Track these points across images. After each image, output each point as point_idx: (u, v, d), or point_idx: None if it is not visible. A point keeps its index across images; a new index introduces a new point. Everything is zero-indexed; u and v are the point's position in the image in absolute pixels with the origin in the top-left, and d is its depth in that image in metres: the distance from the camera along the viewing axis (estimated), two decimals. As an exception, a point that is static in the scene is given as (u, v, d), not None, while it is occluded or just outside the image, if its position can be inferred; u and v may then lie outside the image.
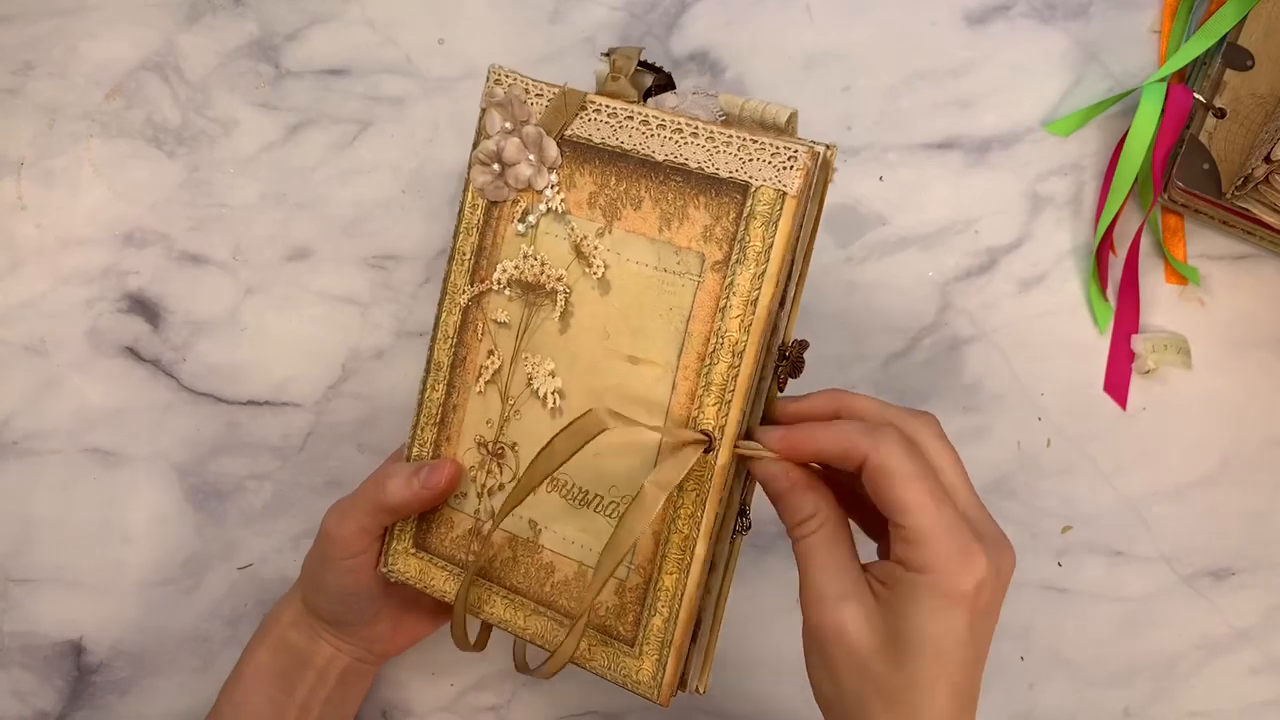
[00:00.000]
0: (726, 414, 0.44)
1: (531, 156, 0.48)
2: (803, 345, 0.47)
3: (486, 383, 0.49)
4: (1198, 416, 0.63)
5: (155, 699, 0.63)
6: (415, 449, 0.51)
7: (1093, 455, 0.63)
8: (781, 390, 0.48)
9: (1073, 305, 0.64)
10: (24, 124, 0.65)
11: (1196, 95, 0.62)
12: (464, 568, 0.50)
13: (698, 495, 0.45)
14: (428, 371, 0.51)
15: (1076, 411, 0.64)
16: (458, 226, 0.49)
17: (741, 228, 0.44)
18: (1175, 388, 0.64)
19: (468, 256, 0.49)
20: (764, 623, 0.62)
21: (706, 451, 0.45)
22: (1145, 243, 0.64)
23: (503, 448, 0.49)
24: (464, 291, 0.49)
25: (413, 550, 0.51)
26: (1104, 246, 0.63)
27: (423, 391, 0.51)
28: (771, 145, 0.43)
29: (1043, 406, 0.63)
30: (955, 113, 0.65)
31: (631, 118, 0.46)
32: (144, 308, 0.64)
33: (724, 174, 0.44)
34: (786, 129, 0.45)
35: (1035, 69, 0.65)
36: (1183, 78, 0.64)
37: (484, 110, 0.48)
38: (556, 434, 0.44)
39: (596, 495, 0.47)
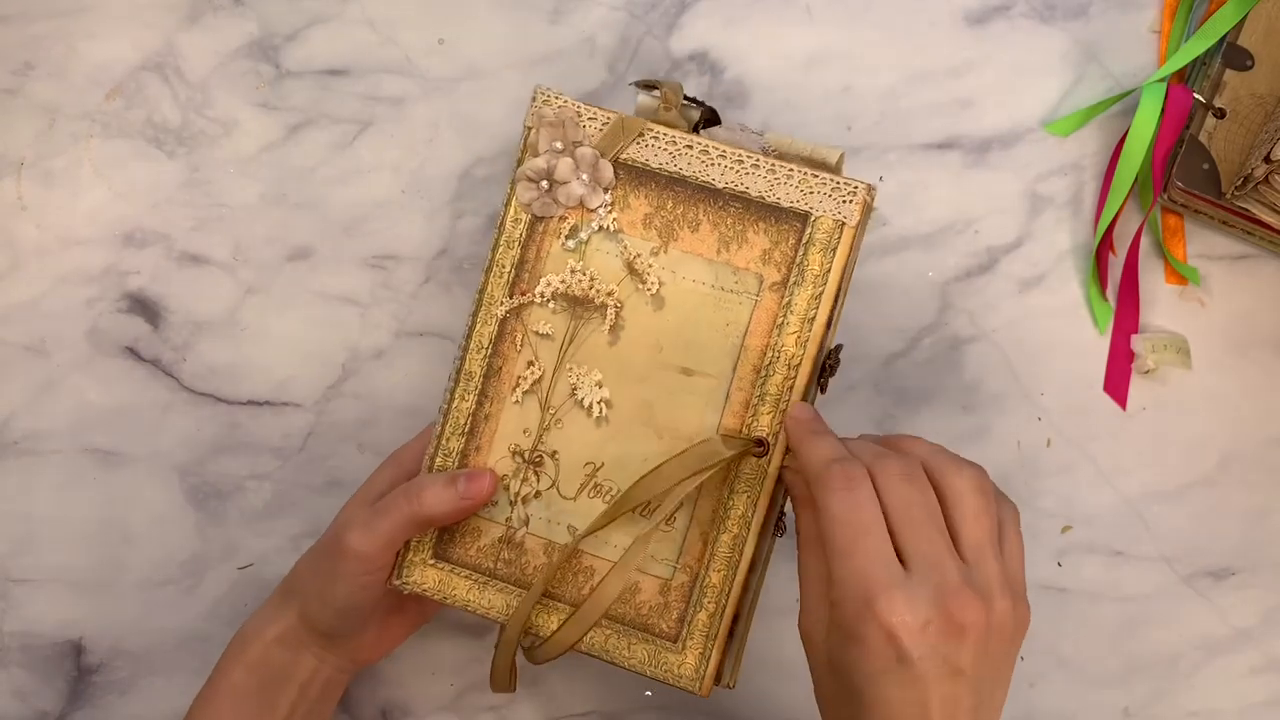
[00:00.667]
0: (780, 422, 0.49)
1: (585, 176, 0.51)
2: (838, 349, 0.52)
3: (525, 393, 0.51)
4: (1198, 416, 0.63)
5: (155, 699, 0.63)
6: (440, 459, 0.52)
7: (1093, 455, 0.63)
8: (823, 393, 0.52)
9: (1073, 305, 0.64)
10: (24, 124, 0.65)
11: (1196, 95, 0.62)
12: (493, 576, 0.51)
13: (749, 497, 0.49)
14: (456, 381, 0.52)
15: (1076, 411, 0.64)
16: (497, 239, 0.52)
17: (800, 253, 0.49)
18: (1175, 388, 0.64)
19: (507, 269, 0.51)
20: (764, 622, 0.62)
21: (760, 457, 0.49)
22: (1145, 243, 0.64)
23: (541, 456, 0.51)
24: (502, 304, 0.51)
25: (431, 561, 0.52)
26: (1104, 246, 0.63)
27: (450, 401, 0.52)
28: (832, 180, 0.49)
29: (1043, 406, 0.63)
30: (955, 113, 0.65)
31: (691, 147, 0.50)
32: (144, 308, 0.64)
33: (785, 204, 0.49)
34: (836, 168, 0.50)
35: (1035, 69, 0.65)
36: (1182, 78, 0.64)
37: (530, 129, 0.51)
38: (667, 460, 0.48)
39: (644, 501, 0.50)
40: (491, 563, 0.52)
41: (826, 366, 0.51)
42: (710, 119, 0.52)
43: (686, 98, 0.52)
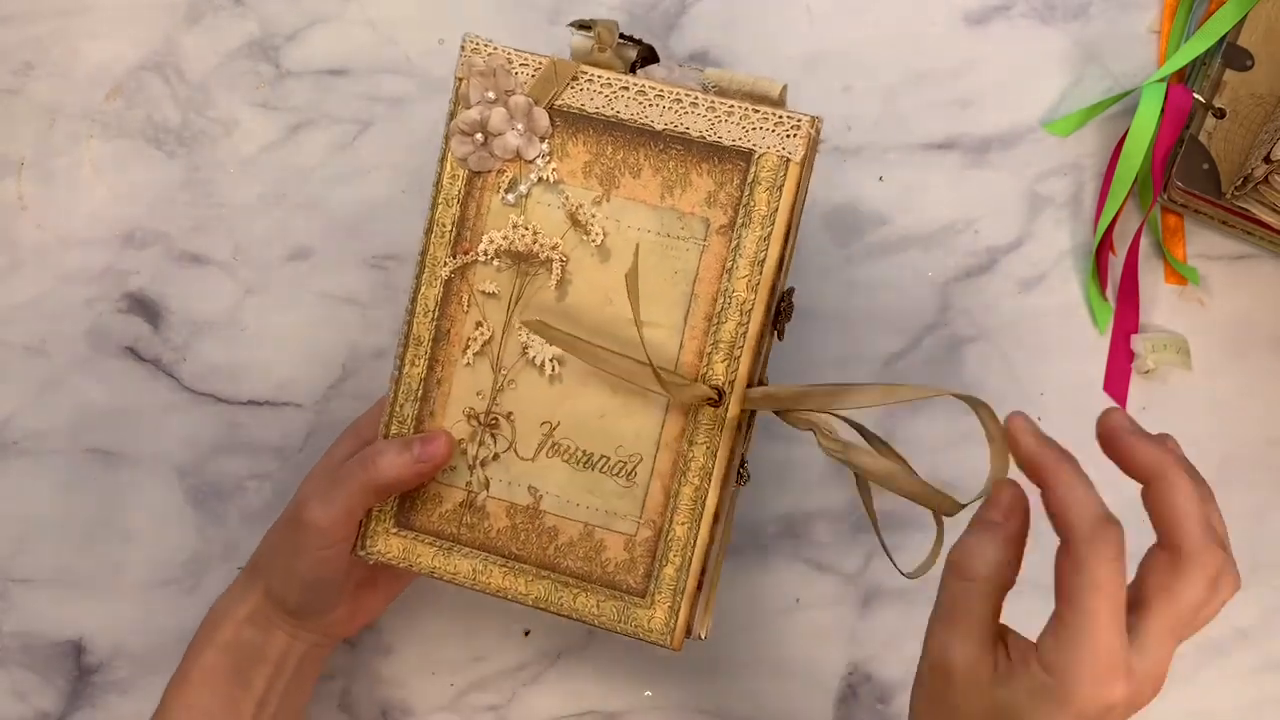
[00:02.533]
0: (736, 369, 0.48)
1: (519, 126, 0.48)
2: (791, 292, 0.51)
3: (475, 355, 0.50)
4: (1198, 416, 0.63)
5: (155, 699, 0.62)
6: (394, 427, 0.51)
7: (1093, 455, 0.63)
8: (780, 339, 0.51)
9: (1072, 305, 0.64)
10: (24, 124, 0.65)
11: (1196, 95, 0.62)
12: (457, 541, 0.51)
13: (708, 447, 0.48)
14: (405, 346, 0.51)
15: (1076, 411, 0.63)
16: (435, 198, 0.50)
17: (746, 193, 0.47)
18: (1175, 388, 0.64)
19: (448, 228, 0.50)
20: (764, 622, 0.62)
21: (715, 406, 0.48)
22: (1145, 243, 0.64)
23: (496, 418, 0.50)
24: (445, 264, 0.50)
25: (394, 530, 0.52)
26: (1104, 246, 0.64)
27: (400, 368, 0.51)
28: (775, 115, 0.46)
29: (1043, 406, 0.63)
30: (955, 113, 0.65)
31: (627, 88, 0.48)
32: (144, 308, 0.64)
33: (727, 142, 0.47)
34: (779, 101, 0.48)
35: (1035, 69, 0.65)
36: (1182, 78, 0.64)
37: (461, 80, 0.49)
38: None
39: (603, 457, 0.50)
40: (454, 528, 0.51)
41: (780, 310, 0.50)
42: (648, 57, 0.50)
43: (623, 36, 0.49)
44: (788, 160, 0.47)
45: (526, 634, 0.62)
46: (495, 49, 0.49)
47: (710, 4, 0.66)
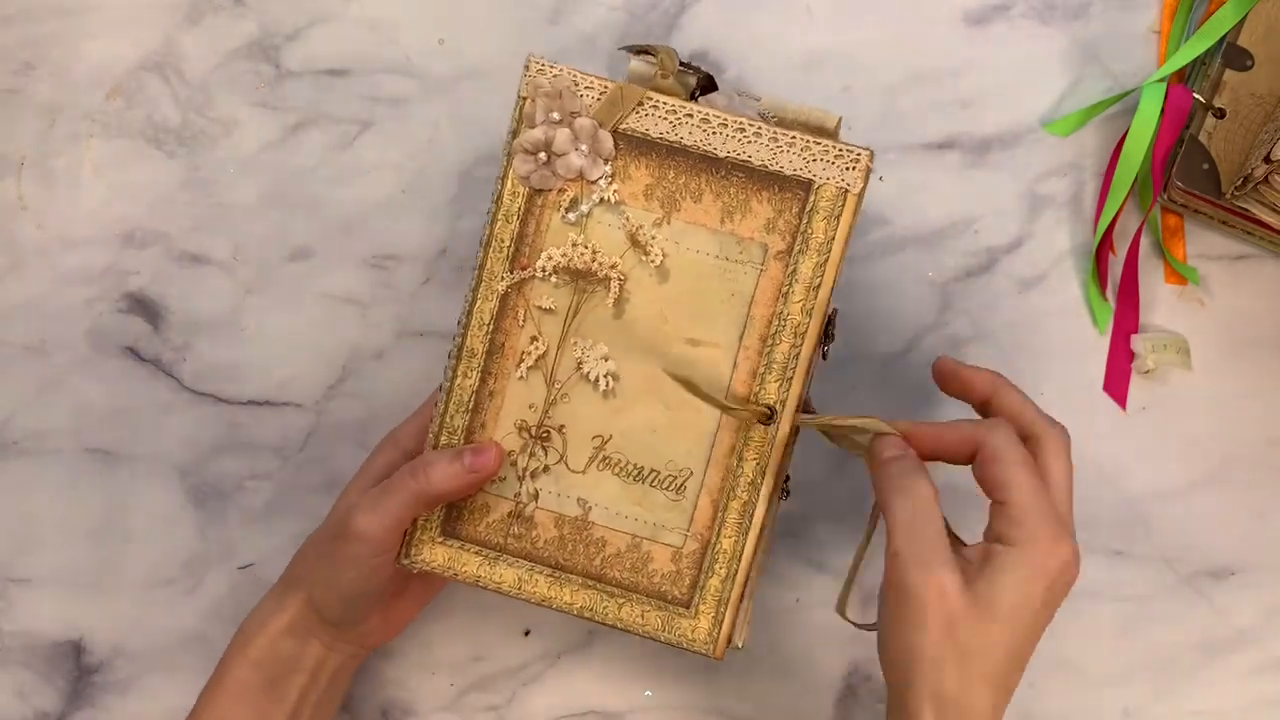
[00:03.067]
0: (788, 389, 0.50)
1: (584, 147, 0.50)
2: (834, 314, 0.53)
3: (529, 368, 0.51)
4: (1198, 416, 0.63)
5: (155, 699, 0.63)
6: (444, 437, 0.52)
7: (1093, 455, 0.63)
8: (825, 359, 0.53)
9: (1072, 305, 0.64)
10: (24, 124, 0.65)
11: (1196, 95, 0.62)
12: (503, 551, 0.52)
13: (758, 464, 0.50)
14: (458, 359, 0.52)
15: (1076, 411, 0.63)
16: (494, 213, 0.51)
17: (804, 221, 0.49)
18: (1175, 388, 0.64)
19: (507, 243, 0.51)
20: (764, 622, 0.62)
21: (768, 424, 0.50)
22: (1145, 243, 0.64)
23: (548, 431, 0.52)
24: (502, 279, 0.51)
25: (440, 539, 0.52)
26: (1103, 246, 0.64)
27: (452, 379, 0.52)
28: (835, 147, 0.49)
29: (1042, 406, 0.63)
30: (955, 113, 0.65)
31: (691, 115, 0.49)
32: (144, 308, 0.64)
33: (788, 171, 0.49)
34: (834, 132, 0.50)
35: (1035, 69, 0.65)
36: (1182, 78, 0.64)
37: (524, 99, 0.50)
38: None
39: (653, 471, 0.51)
40: (501, 538, 0.52)
41: (827, 333, 0.52)
42: (707, 85, 0.51)
43: (682, 63, 0.50)
44: (846, 191, 0.49)
45: (526, 634, 0.62)
46: (560, 70, 0.50)
47: (710, 4, 0.66)
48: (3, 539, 0.63)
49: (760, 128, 0.49)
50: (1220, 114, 0.62)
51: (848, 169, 0.49)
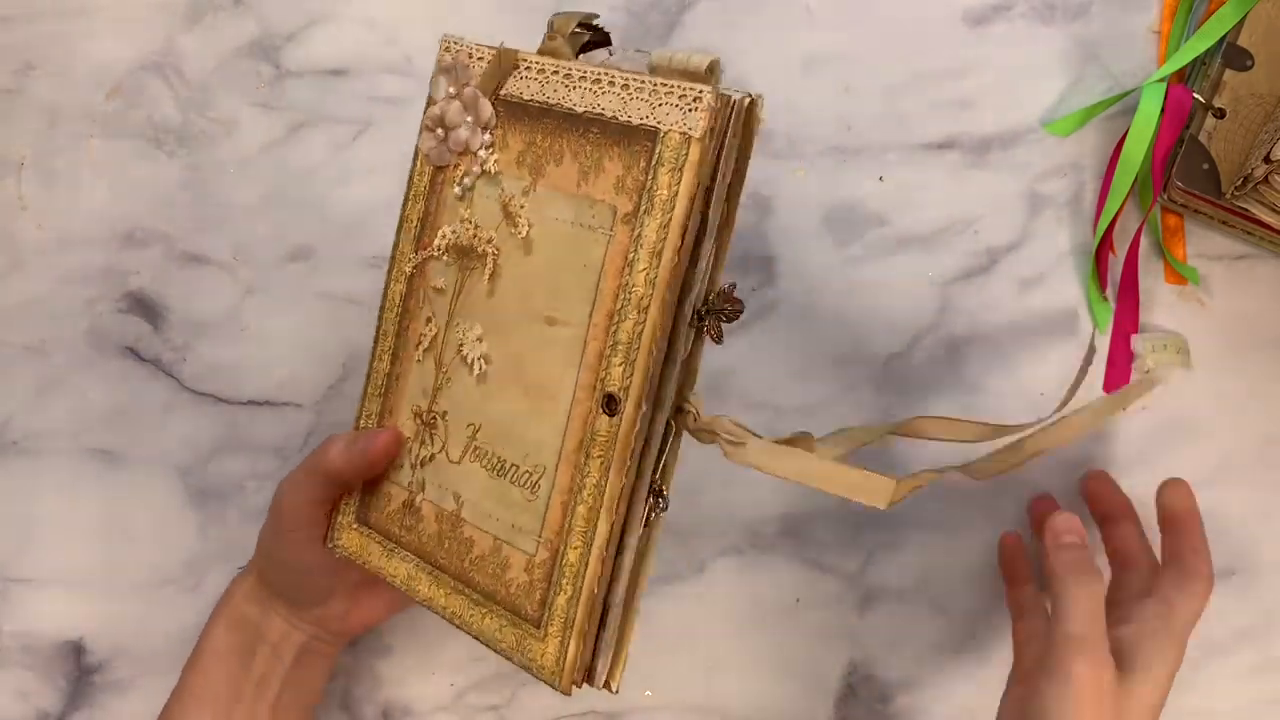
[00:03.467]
0: (632, 374, 0.42)
1: (469, 118, 0.47)
2: (731, 288, 0.44)
3: (424, 351, 0.48)
4: (1198, 417, 0.63)
5: (156, 699, 0.62)
6: (361, 421, 0.51)
7: (1092, 455, 0.63)
8: (718, 341, 0.44)
9: (1072, 305, 0.64)
10: (24, 124, 0.65)
11: (1196, 95, 0.62)
12: (398, 543, 0.49)
13: (602, 463, 0.42)
14: (376, 342, 0.50)
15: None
16: (407, 194, 0.49)
17: (650, 176, 0.42)
18: (1175, 388, 0.64)
19: (414, 224, 0.49)
20: (764, 622, 0.62)
21: (612, 415, 0.42)
22: (1145, 243, 0.64)
23: (435, 417, 0.48)
24: (409, 259, 0.49)
25: (354, 525, 0.51)
26: (1103, 246, 0.63)
27: (371, 362, 0.50)
28: (680, 88, 0.41)
29: (1043, 406, 0.63)
30: (955, 113, 0.65)
31: (557, 72, 0.45)
32: (144, 308, 0.64)
33: (635, 121, 0.42)
34: (710, 78, 0.42)
35: (1035, 69, 0.65)
36: (1182, 78, 0.64)
37: (433, 77, 0.48)
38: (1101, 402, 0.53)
39: (513, 465, 0.45)
40: (397, 529, 0.49)
41: (707, 311, 0.43)
42: (599, 42, 0.47)
43: (583, 25, 0.46)
44: (689, 137, 0.41)
45: (526, 634, 0.63)
46: (463, 45, 0.47)
47: (710, 4, 0.66)
48: (3, 539, 0.63)
49: (615, 76, 0.43)
50: (1220, 114, 0.62)
51: (689, 110, 0.41)
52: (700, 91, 0.41)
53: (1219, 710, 0.62)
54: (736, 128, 0.42)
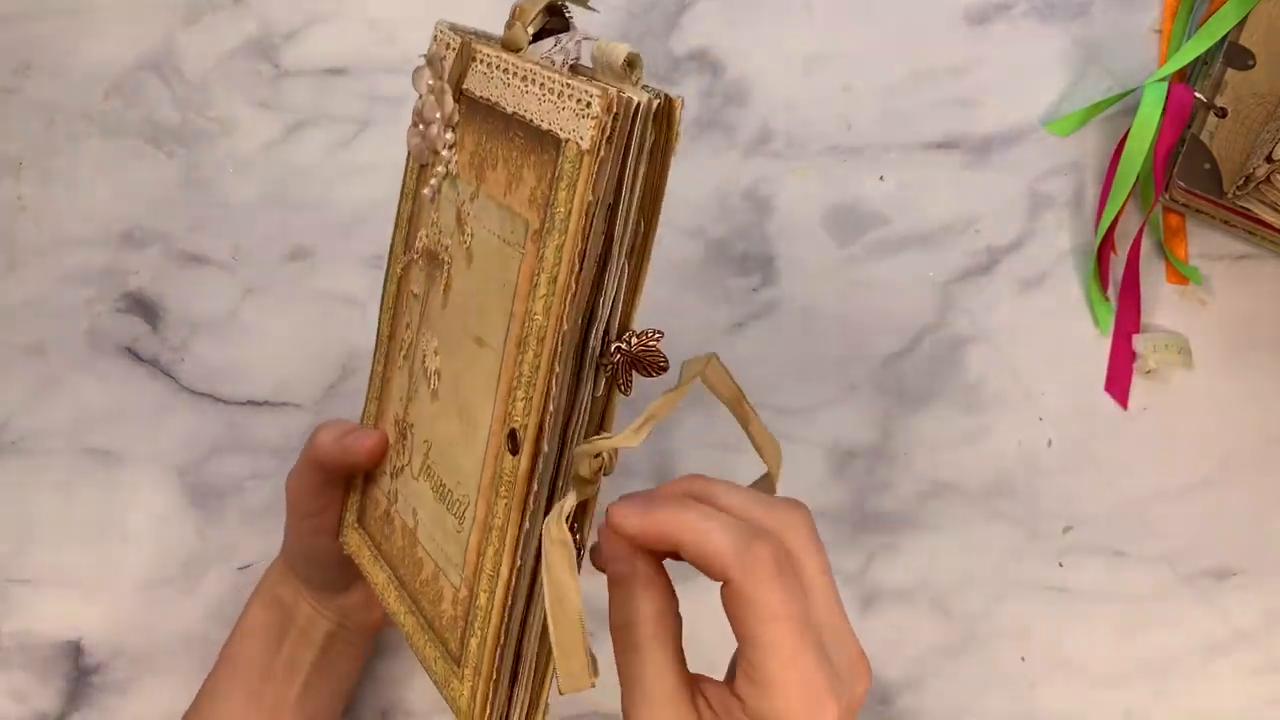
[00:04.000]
0: (531, 411, 0.37)
1: (439, 114, 0.42)
2: (649, 336, 0.38)
3: (404, 357, 0.46)
4: (1199, 416, 0.63)
5: (155, 699, 0.62)
6: (363, 421, 0.51)
7: (1093, 455, 0.63)
8: (626, 393, 0.39)
9: (1073, 305, 0.64)
10: (24, 124, 0.65)
11: (1197, 95, 0.62)
12: (378, 549, 0.47)
13: (507, 503, 0.39)
14: (376, 344, 0.49)
15: (1077, 411, 0.64)
16: (401, 192, 0.46)
17: (552, 190, 0.36)
18: (1176, 388, 0.64)
19: (405, 223, 0.46)
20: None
21: (514, 454, 0.38)
22: (1146, 242, 0.64)
23: (406, 428, 0.45)
24: (400, 260, 0.46)
25: (355, 525, 0.50)
26: (1105, 246, 0.63)
27: (373, 363, 0.49)
28: (576, 89, 0.35)
29: (1043, 406, 0.63)
30: (955, 113, 0.65)
31: (498, 67, 0.39)
32: (143, 308, 0.64)
33: (545, 126, 0.37)
34: (629, 77, 0.36)
35: (1035, 69, 0.65)
36: (1184, 77, 0.64)
37: (417, 68, 0.44)
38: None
39: (449, 490, 0.42)
40: (379, 535, 0.48)
41: (619, 354, 0.38)
42: (556, 30, 0.41)
43: (554, 8, 0.41)
44: (581, 151, 0.35)
45: (526, 634, 0.62)
46: (451, 34, 0.42)
47: (710, 4, 0.66)
48: (3, 539, 0.63)
49: (538, 74, 0.37)
50: (1222, 113, 0.61)
51: (580, 116, 0.35)
52: (590, 95, 0.35)
53: (1219, 710, 0.62)
54: (644, 135, 0.36)
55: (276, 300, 0.64)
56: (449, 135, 0.42)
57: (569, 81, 0.36)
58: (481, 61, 0.40)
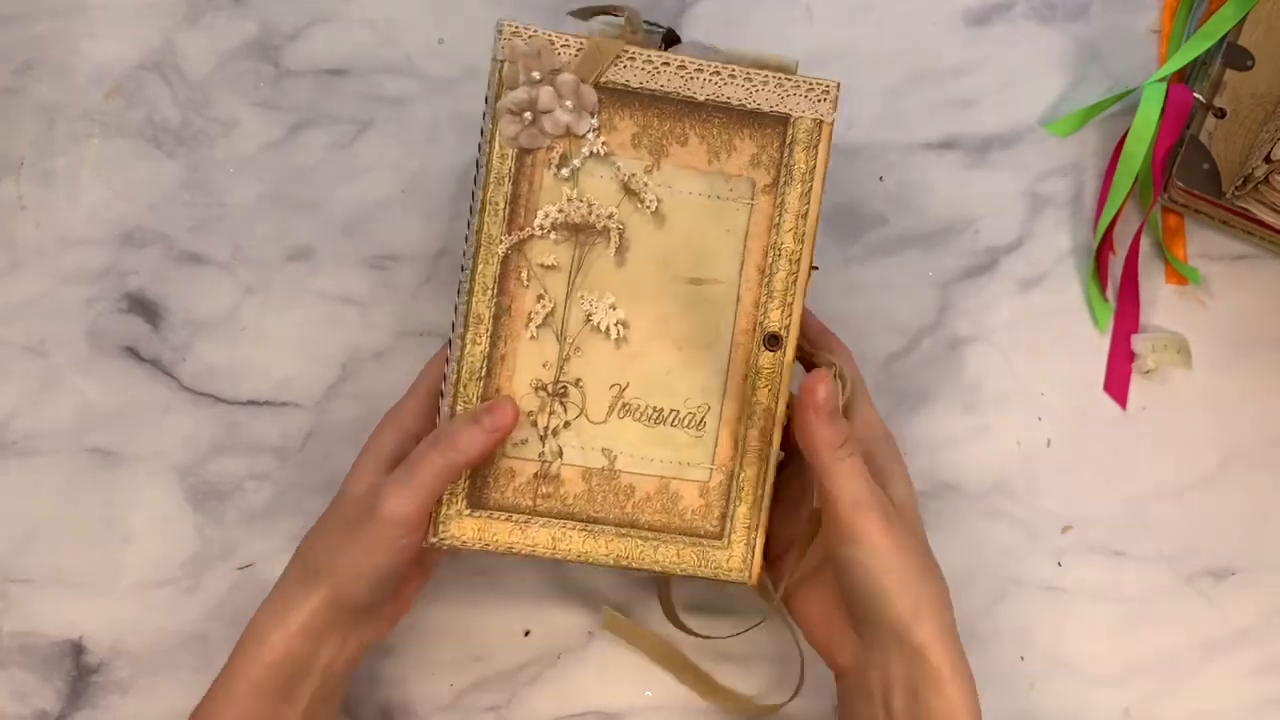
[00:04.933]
0: (789, 315, 0.53)
1: (569, 103, 0.51)
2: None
3: (539, 327, 0.53)
4: (1198, 416, 0.64)
5: (155, 699, 0.63)
6: (460, 406, 0.52)
7: (1093, 455, 0.63)
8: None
9: (1073, 305, 0.64)
10: (24, 124, 0.65)
11: (1196, 95, 0.62)
12: (534, 513, 0.53)
13: (770, 390, 0.53)
14: (465, 327, 0.52)
15: (1077, 411, 0.64)
16: (485, 178, 0.52)
17: (786, 154, 0.52)
18: (1175, 388, 0.64)
19: (501, 206, 0.52)
20: (764, 621, 0.62)
21: (775, 351, 0.53)
22: (1145, 243, 0.64)
23: (565, 386, 0.53)
24: (501, 241, 0.52)
25: (467, 511, 0.53)
26: (1104, 246, 0.64)
27: (461, 348, 0.52)
28: (806, 81, 0.52)
29: (1043, 406, 0.63)
30: (955, 113, 0.65)
31: (668, 64, 0.52)
32: (144, 308, 0.64)
33: (765, 108, 0.52)
34: (794, 71, 0.52)
35: (1035, 69, 0.65)
36: (1183, 78, 0.64)
37: (502, 63, 0.51)
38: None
39: (672, 411, 0.53)
40: (530, 500, 0.53)
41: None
42: (673, 39, 0.53)
43: (645, 21, 0.53)
44: (820, 122, 0.52)
45: (526, 634, 0.62)
46: (535, 30, 0.51)
47: (710, 4, 0.66)
48: (3, 539, 0.63)
49: (734, 70, 0.52)
50: (1221, 114, 0.62)
51: (819, 100, 0.52)
52: (827, 85, 0.52)
53: (1219, 710, 0.62)
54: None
55: (277, 300, 0.64)
56: (593, 120, 0.51)
57: (792, 77, 0.52)
58: (637, 59, 0.51)
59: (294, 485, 0.64)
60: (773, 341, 0.53)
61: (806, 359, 0.56)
